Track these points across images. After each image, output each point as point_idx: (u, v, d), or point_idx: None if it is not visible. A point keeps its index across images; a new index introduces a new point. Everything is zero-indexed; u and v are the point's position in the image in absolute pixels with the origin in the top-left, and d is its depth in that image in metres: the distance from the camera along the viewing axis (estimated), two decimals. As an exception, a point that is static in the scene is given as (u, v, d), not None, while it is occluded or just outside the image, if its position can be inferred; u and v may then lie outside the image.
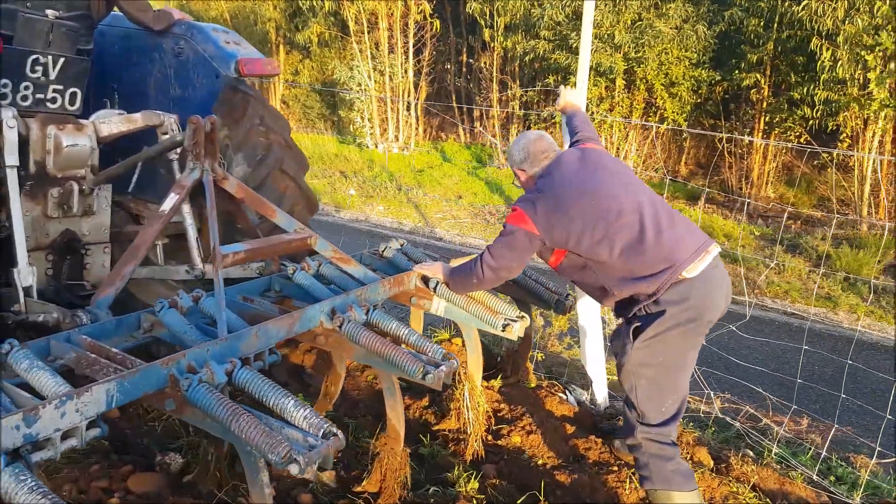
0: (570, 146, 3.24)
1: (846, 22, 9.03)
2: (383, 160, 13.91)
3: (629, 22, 11.39)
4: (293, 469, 1.75)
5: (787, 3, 10.10)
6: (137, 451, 3.00)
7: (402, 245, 3.53)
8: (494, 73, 13.89)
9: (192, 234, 3.31)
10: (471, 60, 15.29)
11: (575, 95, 3.68)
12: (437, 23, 13.94)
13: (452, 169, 13.43)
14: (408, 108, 14.43)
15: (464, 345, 3.39)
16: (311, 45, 14.93)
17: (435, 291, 3.00)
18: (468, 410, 3.00)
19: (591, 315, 3.77)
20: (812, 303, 7.85)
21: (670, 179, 10.55)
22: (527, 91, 13.41)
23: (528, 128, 13.70)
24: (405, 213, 11.43)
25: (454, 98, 15.60)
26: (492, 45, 13.62)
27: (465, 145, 15.20)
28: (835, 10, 9.04)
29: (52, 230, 3.13)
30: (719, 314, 2.67)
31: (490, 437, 3.37)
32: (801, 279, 8.40)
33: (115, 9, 3.50)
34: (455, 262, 3.36)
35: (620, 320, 2.83)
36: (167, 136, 3.26)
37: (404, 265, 3.33)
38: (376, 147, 14.49)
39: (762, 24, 10.95)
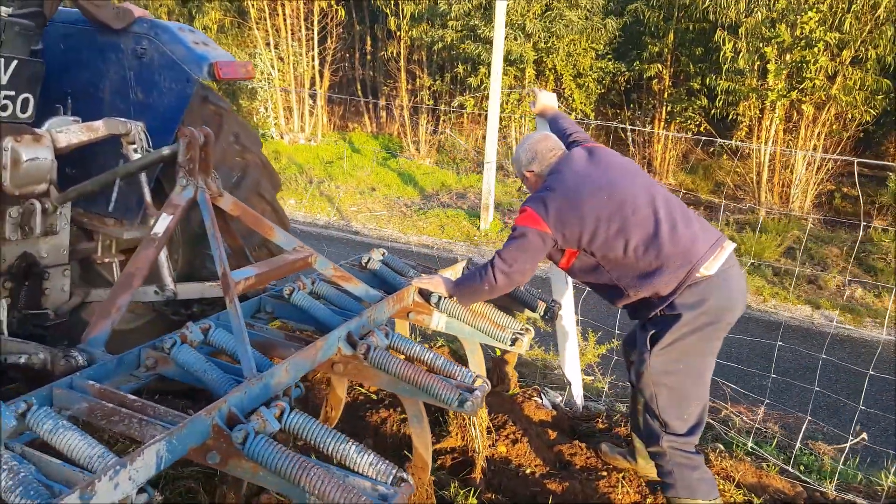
0: (567, 147, 3.19)
1: (747, 14, 9.54)
2: (290, 152, 13.45)
3: (539, 11, 11.53)
4: (377, 524, 1.64)
5: (687, -4, 10.55)
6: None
7: (383, 255, 3.40)
8: (402, 63, 13.72)
9: (162, 251, 3.02)
10: (373, 49, 15.01)
11: (549, 98, 3.67)
12: (341, 10, 13.58)
13: (362, 160, 13.19)
14: (312, 98, 14.01)
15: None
16: (209, 32, 14.14)
17: (437, 307, 2.89)
18: (474, 428, 2.93)
19: (569, 317, 3.78)
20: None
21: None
22: (434, 80, 13.34)
23: (438, 119, 13.63)
24: (318, 206, 11.10)
25: (359, 87, 15.29)
26: (398, 34, 13.42)
27: (372, 135, 14.96)
28: (737, 3, 9.53)
29: (8, 254, 2.77)
30: (738, 314, 2.65)
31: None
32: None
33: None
34: (445, 272, 3.26)
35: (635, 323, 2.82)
36: (134, 146, 2.94)
37: (391, 278, 3.20)
38: (282, 138, 13.99)
39: (662, 16, 11.40)
